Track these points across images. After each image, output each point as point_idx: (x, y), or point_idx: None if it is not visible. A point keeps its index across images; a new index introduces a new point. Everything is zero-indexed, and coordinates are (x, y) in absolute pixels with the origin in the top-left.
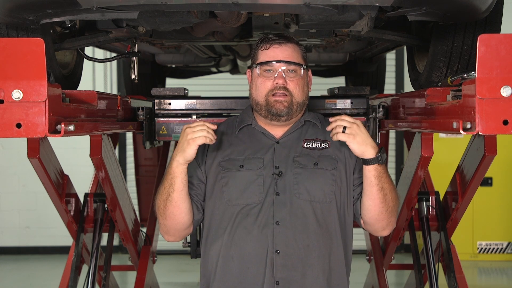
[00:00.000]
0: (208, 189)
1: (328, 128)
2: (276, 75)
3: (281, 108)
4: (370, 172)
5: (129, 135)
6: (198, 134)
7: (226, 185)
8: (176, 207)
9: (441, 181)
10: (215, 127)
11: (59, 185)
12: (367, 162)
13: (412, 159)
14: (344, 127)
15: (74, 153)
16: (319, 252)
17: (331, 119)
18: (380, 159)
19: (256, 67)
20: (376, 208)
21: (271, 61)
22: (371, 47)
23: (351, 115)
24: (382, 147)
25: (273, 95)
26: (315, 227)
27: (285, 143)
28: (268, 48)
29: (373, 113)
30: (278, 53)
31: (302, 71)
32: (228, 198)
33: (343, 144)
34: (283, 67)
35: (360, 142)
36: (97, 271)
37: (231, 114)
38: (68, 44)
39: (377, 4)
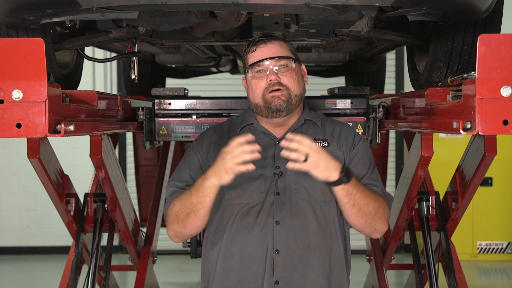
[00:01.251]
0: None
1: (284, 154)
2: (268, 73)
3: (279, 103)
4: (339, 193)
5: (129, 135)
6: (237, 161)
7: (226, 185)
8: (200, 220)
9: (441, 181)
10: (256, 147)
11: (59, 185)
12: (332, 184)
13: (412, 159)
14: (306, 156)
15: (74, 153)
16: (319, 252)
17: (283, 143)
18: (344, 179)
19: (248, 71)
20: (353, 221)
21: (261, 60)
22: (371, 47)
23: (351, 115)
24: (345, 166)
25: (269, 92)
26: (315, 227)
27: None
28: (255, 50)
29: (373, 113)
30: (265, 51)
31: (294, 64)
32: (229, 197)
33: (342, 141)
34: (273, 64)
35: (323, 169)
36: (97, 271)
37: (231, 114)
38: (68, 44)
39: (377, 4)
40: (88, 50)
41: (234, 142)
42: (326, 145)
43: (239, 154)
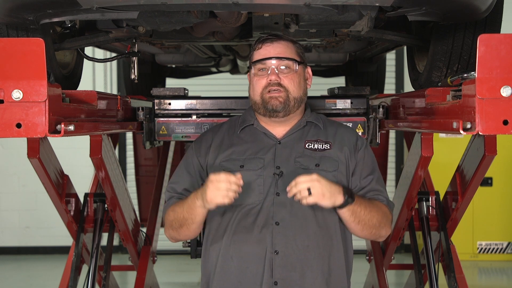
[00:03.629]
0: None
1: (289, 195)
2: (269, 72)
3: (276, 103)
4: (344, 214)
5: (129, 135)
6: (220, 195)
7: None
8: (192, 232)
9: (441, 181)
10: (240, 182)
11: (59, 185)
12: (339, 207)
13: (412, 159)
14: (309, 189)
15: (74, 153)
16: (318, 253)
17: (288, 187)
18: (350, 201)
19: (252, 68)
20: (359, 234)
21: (264, 59)
22: (371, 47)
23: (351, 115)
24: (345, 186)
25: (268, 92)
26: (315, 228)
27: (287, 144)
28: (261, 48)
29: (373, 113)
30: (270, 50)
31: (297, 66)
32: None
33: (345, 144)
34: (275, 64)
35: (329, 197)
36: (97, 271)
37: (231, 114)
38: (68, 44)
39: (377, 4)
40: (88, 50)
41: (224, 175)
42: (328, 147)
43: (224, 190)
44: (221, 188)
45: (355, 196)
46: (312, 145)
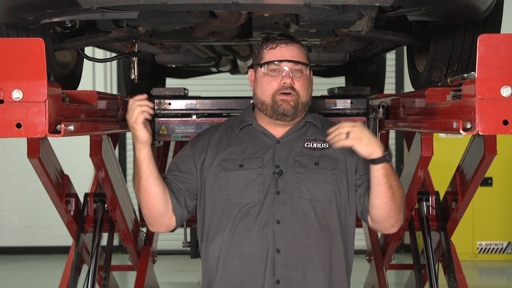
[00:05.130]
0: (208, 189)
1: (329, 138)
2: (283, 74)
3: (288, 108)
4: (379, 171)
5: (129, 135)
6: (135, 114)
7: (225, 185)
8: (146, 194)
9: (441, 181)
10: (145, 96)
11: (59, 185)
12: (374, 161)
13: (412, 159)
14: (347, 134)
15: (74, 153)
16: (319, 251)
17: (330, 130)
18: (388, 157)
19: (261, 67)
20: (386, 206)
21: (279, 61)
22: (371, 47)
23: (351, 115)
24: (387, 146)
25: (280, 94)
26: (315, 226)
27: (286, 143)
28: (275, 48)
29: (373, 113)
30: (285, 52)
31: (308, 71)
32: (228, 197)
33: None
34: (290, 66)
35: (366, 144)
36: (97, 271)
37: (231, 114)
38: (68, 44)
39: (377, 4)
40: (88, 50)
41: (130, 102)
42: (327, 146)
43: (134, 107)
44: (133, 108)
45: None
46: (311, 144)
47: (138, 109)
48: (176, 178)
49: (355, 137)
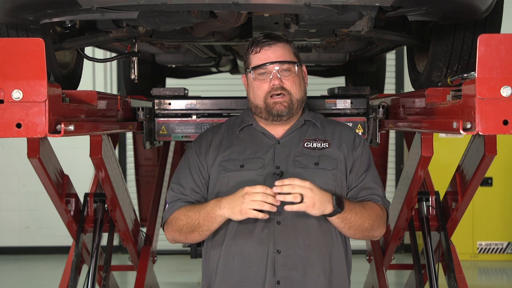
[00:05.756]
0: (210, 189)
1: (280, 198)
2: (271, 76)
3: (281, 108)
4: (334, 221)
5: (129, 135)
6: (255, 207)
7: (227, 185)
8: (202, 238)
9: (441, 181)
10: (277, 202)
11: (59, 185)
12: (328, 216)
13: (412, 159)
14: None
15: (74, 153)
16: (320, 252)
17: (277, 183)
18: (339, 210)
19: (250, 72)
20: (352, 237)
21: (263, 64)
22: (371, 47)
23: (351, 115)
24: (334, 194)
25: (271, 96)
26: (316, 227)
27: (286, 143)
28: (259, 52)
29: (373, 113)
30: (269, 54)
31: (296, 68)
32: None
33: (343, 142)
34: (277, 68)
35: (318, 206)
36: (97, 271)
37: (231, 114)
38: (68, 44)
39: (377, 4)
40: (88, 50)
41: (261, 187)
42: (327, 145)
43: (260, 202)
44: (257, 200)
45: (345, 203)
46: (311, 144)
47: (260, 205)
48: (195, 195)
49: (308, 204)
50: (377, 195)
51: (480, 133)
